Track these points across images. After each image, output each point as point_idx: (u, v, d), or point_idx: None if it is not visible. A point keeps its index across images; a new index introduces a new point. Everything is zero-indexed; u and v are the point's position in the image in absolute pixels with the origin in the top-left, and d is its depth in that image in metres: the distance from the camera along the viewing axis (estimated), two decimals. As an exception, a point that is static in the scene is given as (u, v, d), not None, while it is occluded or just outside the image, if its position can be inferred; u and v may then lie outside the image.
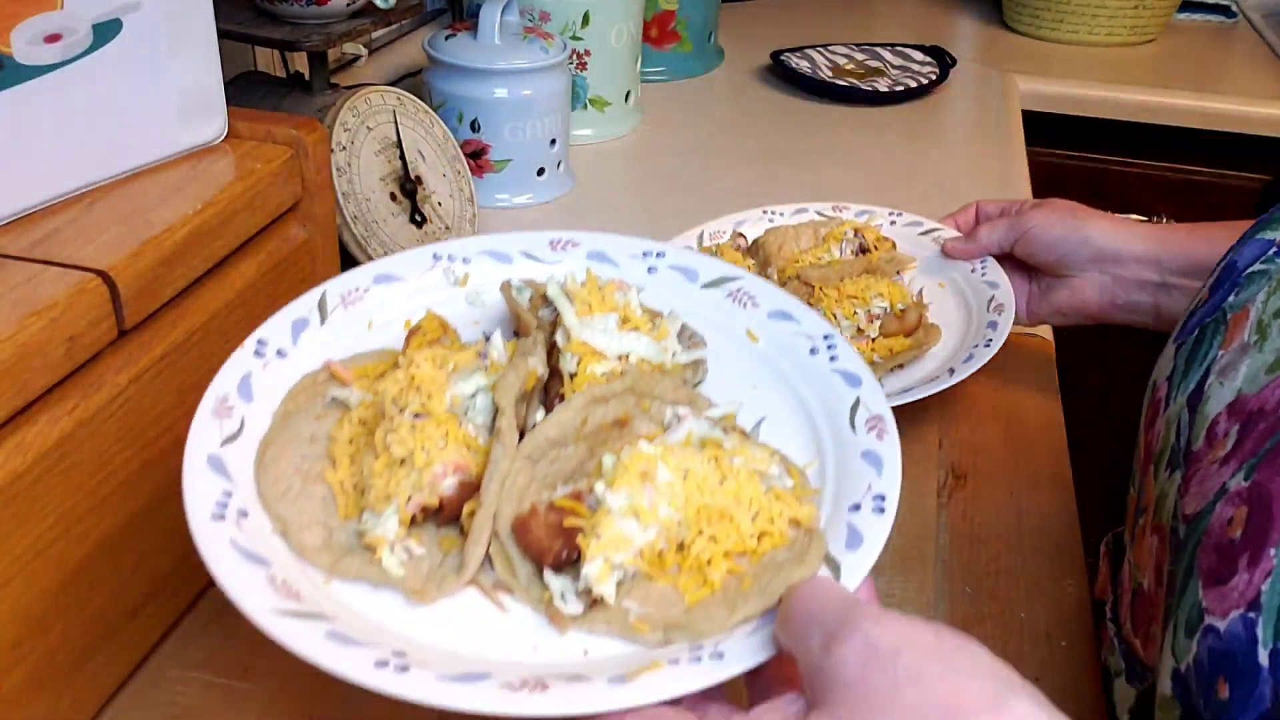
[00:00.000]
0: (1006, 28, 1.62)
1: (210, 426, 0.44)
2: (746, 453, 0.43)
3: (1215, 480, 0.43)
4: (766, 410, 0.48)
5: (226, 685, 0.54)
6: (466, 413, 0.44)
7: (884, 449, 0.44)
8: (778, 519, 0.41)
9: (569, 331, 0.47)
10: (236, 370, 0.46)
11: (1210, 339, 0.49)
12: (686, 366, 0.49)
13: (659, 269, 0.54)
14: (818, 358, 0.49)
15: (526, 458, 0.43)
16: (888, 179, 1.12)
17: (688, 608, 0.40)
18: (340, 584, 0.41)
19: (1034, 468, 0.71)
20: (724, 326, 0.52)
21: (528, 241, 0.54)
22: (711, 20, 1.38)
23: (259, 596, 0.38)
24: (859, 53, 1.44)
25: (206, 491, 0.41)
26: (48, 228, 0.50)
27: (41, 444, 0.44)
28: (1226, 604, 0.38)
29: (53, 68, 0.49)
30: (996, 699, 0.32)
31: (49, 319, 0.44)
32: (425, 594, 0.41)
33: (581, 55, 1.13)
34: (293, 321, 0.49)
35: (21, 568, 0.44)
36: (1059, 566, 0.63)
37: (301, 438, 0.45)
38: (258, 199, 0.56)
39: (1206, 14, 1.68)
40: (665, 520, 0.41)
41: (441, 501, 0.42)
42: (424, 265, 0.53)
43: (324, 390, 0.47)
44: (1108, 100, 1.38)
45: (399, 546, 0.41)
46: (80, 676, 0.49)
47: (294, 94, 0.82)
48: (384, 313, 0.51)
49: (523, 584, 0.41)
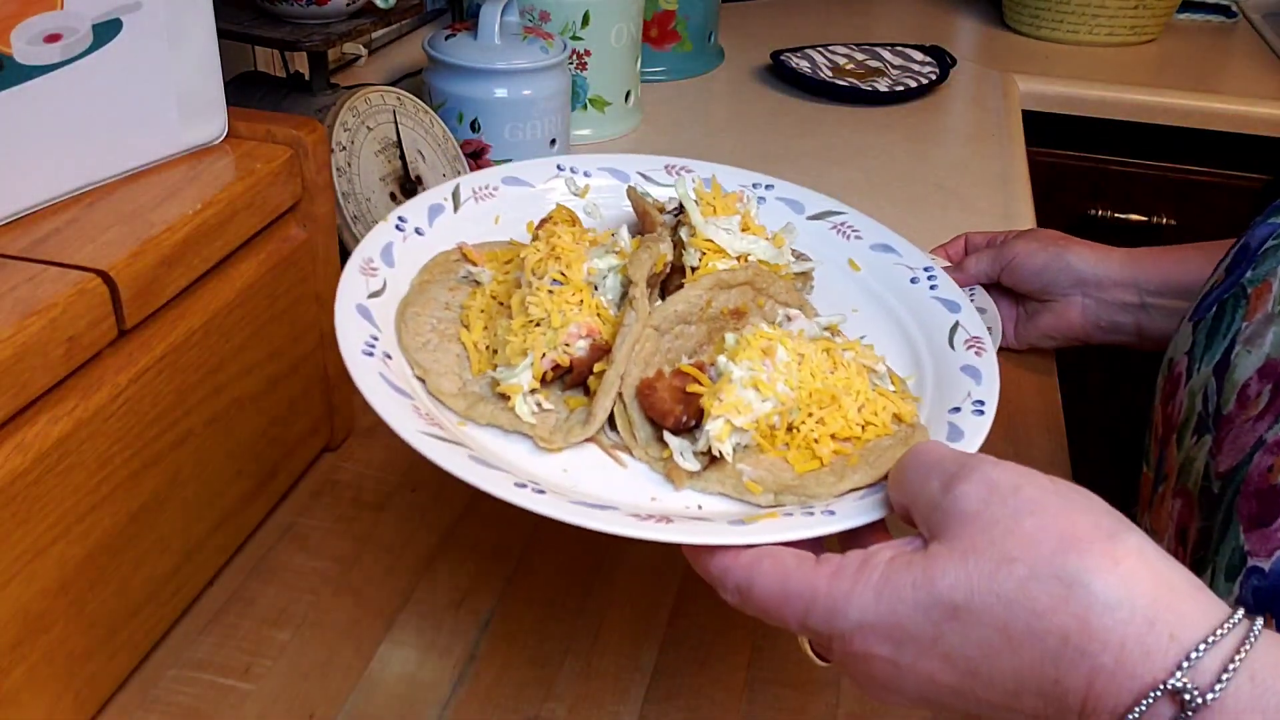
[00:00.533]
0: (1007, 28, 1.62)
1: (358, 281, 0.48)
2: (856, 349, 0.46)
3: (1250, 435, 0.45)
4: (866, 330, 0.51)
5: (226, 685, 0.54)
6: (599, 287, 0.48)
7: (982, 364, 0.47)
8: (882, 411, 0.44)
9: (694, 228, 0.49)
10: (380, 238, 0.51)
11: (1232, 312, 0.51)
12: (798, 276, 0.52)
13: (768, 199, 0.57)
14: (918, 286, 0.53)
15: (654, 328, 0.46)
16: (888, 179, 1.12)
17: (797, 475, 0.43)
18: (473, 428, 0.44)
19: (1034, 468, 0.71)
20: (828, 255, 0.55)
21: (645, 163, 0.57)
22: (711, 20, 1.38)
23: (408, 420, 0.41)
24: (859, 53, 1.44)
25: (356, 333, 0.45)
26: (47, 228, 0.50)
27: (41, 444, 0.44)
28: (1271, 544, 0.41)
29: (53, 67, 0.49)
30: (1112, 532, 0.34)
31: (49, 319, 0.44)
32: (552, 441, 0.44)
33: (581, 55, 1.13)
34: (429, 206, 0.53)
35: (21, 568, 0.44)
36: (1059, 566, 0.63)
37: (438, 303, 0.49)
38: (258, 199, 0.56)
39: (1207, 14, 1.68)
40: (781, 395, 0.43)
41: (572, 362, 0.46)
42: (548, 173, 0.57)
43: (456, 268, 0.51)
44: (1108, 100, 1.38)
45: (531, 398, 0.45)
46: (80, 676, 0.49)
47: (294, 94, 0.82)
48: (510, 210, 0.55)
49: (642, 444, 0.44)
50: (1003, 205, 1.07)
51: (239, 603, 0.58)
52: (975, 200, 1.08)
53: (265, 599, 0.59)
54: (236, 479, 0.58)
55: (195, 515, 0.55)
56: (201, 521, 0.56)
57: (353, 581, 0.60)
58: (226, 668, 0.55)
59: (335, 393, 0.67)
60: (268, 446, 0.61)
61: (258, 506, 0.62)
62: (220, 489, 0.57)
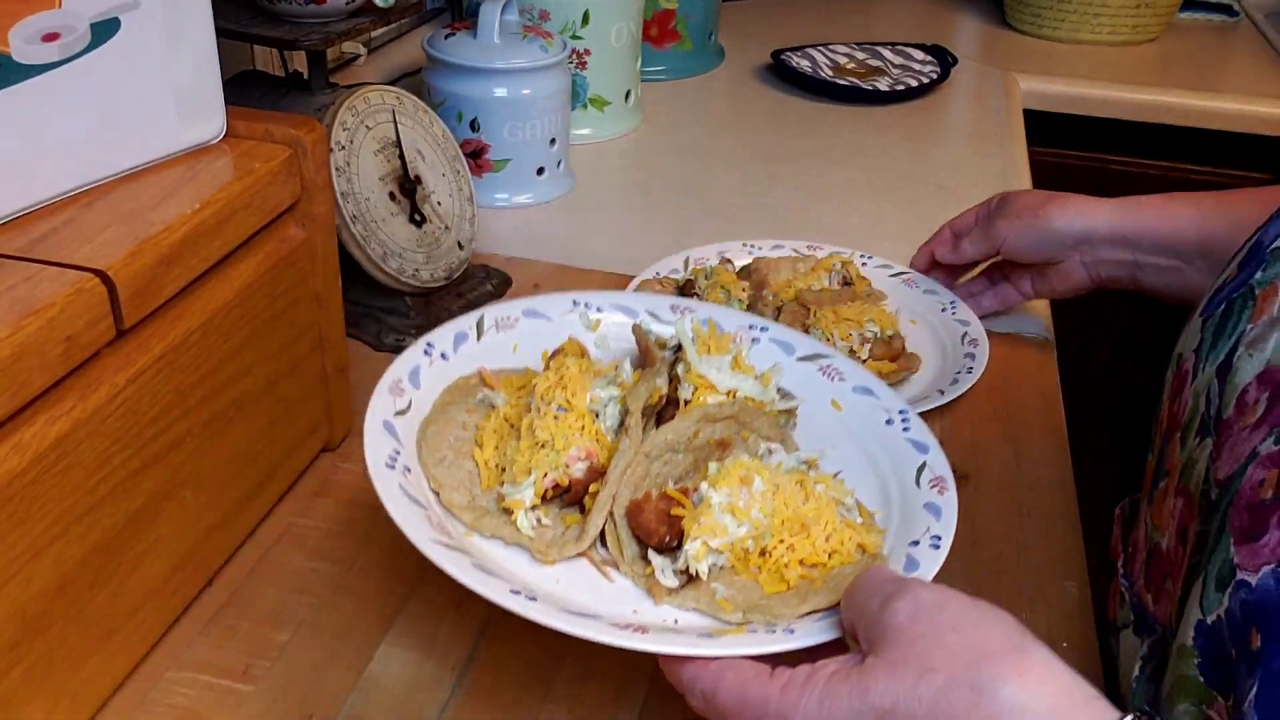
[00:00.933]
0: (1008, 26, 1.62)
1: (386, 400, 0.53)
2: (828, 483, 0.51)
3: (1246, 445, 0.45)
4: (842, 466, 0.55)
5: (226, 685, 0.53)
6: (600, 415, 0.52)
7: (943, 502, 0.51)
8: (848, 541, 0.49)
9: (689, 365, 0.55)
10: (409, 362, 0.56)
11: (1239, 313, 0.51)
12: (781, 413, 0.56)
13: (762, 340, 0.62)
14: (892, 427, 0.57)
15: (645, 455, 0.51)
16: (888, 179, 1.12)
17: (765, 596, 0.47)
18: (478, 539, 0.49)
19: (1034, 468, 0.71)
20: (813, 394, 0.59)
21: (653, 302, 0.63)
22: (711, 19, 1.38)
23: (420, 528, 0.46)
24: (860, 52, 1.43)
25: (381, 447, 0.50)
26: (46, 227, 0.50)
27: (39, 444, 0.44)
28: (1259, 559, 0.41)
29: (51, 66, 0.49)
30: (1020, 645, 0.39)
31: (47, 319, 0.43)
32: (548, 555, 0.48)
33: (581, 54, 1.13)
34: (455, 334, 0.59)
35: (20, 568, 0.44)
36: (1060, 567, 0.63)
37: (455, 422, 0.54)
38: (256, 198, 0.56)
39: (1209, 13, 1.68)
40: (755, 522, 0.48)
41: (570, 482, 0.50)
42: (564, 308, 0.62)
43: (474, 391, 0.56)
44: (1109, 99, 1.38)
45: (531, 513, 0.49)
46: (79, 677, 0.49)
47: (293, 93, 0.82)
48: (528, 341, 0.60)
49: (628, 560, 0.48)
50: (1004, 205, 1.07)
51: (238, 603, 0.58)
52: (976, 200, 1.06)
53: (264, 600, 0.58)
54: (235, 479, 0.58)
55: (194, 516, 0.55)
56: (200, 522, 0.56)
57: (352, 582, 0.60)
58: (225, 669, 0.54)
59: (334, 393, 0.67)
60: (267, 447, 0.61)
61: (256, 507, 0.62)
62: (219, 489, 0.57)
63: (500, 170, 1.00)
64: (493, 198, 1.01)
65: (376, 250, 0.76)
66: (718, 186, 1.09)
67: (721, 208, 1.05)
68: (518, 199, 1.02)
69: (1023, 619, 0.59)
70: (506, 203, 1.02)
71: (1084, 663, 0.57)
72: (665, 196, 1.07)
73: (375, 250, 0.76)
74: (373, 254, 0.76)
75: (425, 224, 0.81)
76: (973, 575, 0.62)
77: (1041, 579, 0.62)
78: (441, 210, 0.83)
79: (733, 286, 0.82)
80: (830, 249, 0.90)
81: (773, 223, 1.02)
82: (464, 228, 0.85)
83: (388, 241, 0.78)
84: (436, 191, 0.83)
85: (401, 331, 0.81)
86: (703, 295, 0.82)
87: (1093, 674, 0.56)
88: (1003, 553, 0.64)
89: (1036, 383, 0.80)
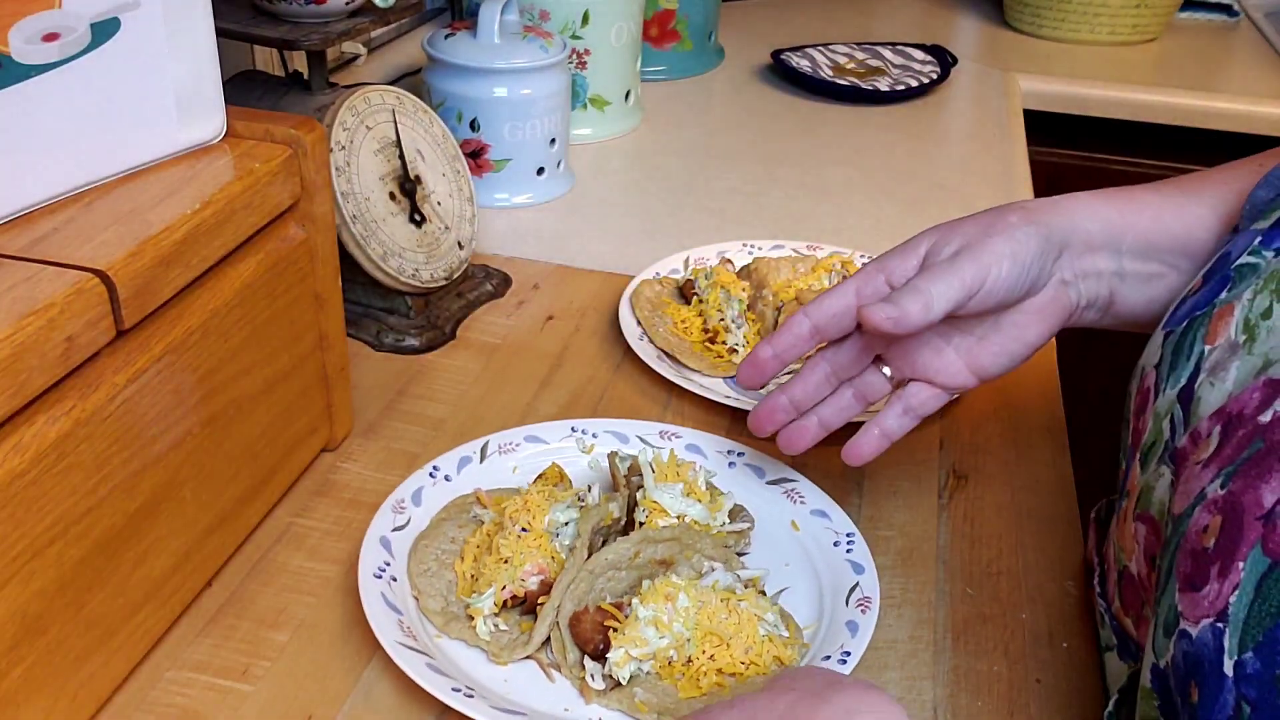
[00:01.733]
0: (1008, 26, 1.62)
1: (387, 517, 0.61)
2: (752, 601, 0.56)
3: (1197, 483, 0.43)
4: (791, 582, 0.60)
5: (225, 687, 0.53)
6: (558, 535, 0.59)
7: (863, 621, 0.56)
8: (765, 654, 0.54)
9: (646, 491, 0.61)
10: (415, 483, 0.63)
11: (1196, 332, 0.49)
12: (730, 534, 0.61)
13: (737, 464, 0.68)
14: (838, 548, 0.61)
15: (589, 571, 0.56)
16: (888, 179, 1.12)
17: (679, 700, 0.53)
18: (446, 640, 0.56)
19: (1034, 468, 0.71)
20: (775, 515, 0.65)
21: (642, 429, 0.70)
22: (711, 19, 1.38)
23: (390, 633, 0.53)
24: (860, 52, 1.43)
25: (374, 559, 0.58)
26: (45, 227, 0.50)
27: (39, 444, 0.44)
28: (1198, 611, 0.40)
29: (51, 66, 0.49)
30: None
31: (47, 319, 0.43)
32: (500, 657, 0.55)
33: (581, 54, 1.13)
34: (460, 457, 0.66)
35: (19, 568, 0.44)
36: (1060, 567, 0.63)
37: (445, 537, 0.61)
38: (256, 198, 0.56)
39: (1208, 13, 1.68)
40: (677, 634, 0.54)
41: (525, 594, 0.57)
42: (563, 433, 0.69)
43: (469, 508, 0.63)
44: (1109, 99, 1.38)
45: (490, 619, 0.56)
46: (78, 677, 0.49)
47: (293, 93, 0.82)
48: (527, 463, 0.67)
49: (570, 664, 0.55)
50: (1003, 205, 1.07)
51: (237, 604, 0.58)
52: (975, 200, 1.07)
53: (264, 600, 0.58)
54: (235, 479, 0.58)
55: (193, 516, 0.55)
56: (200, 522, 0.56)
57: (352, 582, 0.60)
58: (225, 669, 0.54)
59: (334, 393, 0.67)
60: (266, 447, 0.61)
61: (256, 507, 0.62)
62: (219, 489, 0.57)
63: (500, 170, 1.00)
64: (493, 198, 1.01)
65: (376, 250, 0.76)
66: (718, 186, 1.09)
67: (721, 208, 1.05)
68: (518, 199, 1.02)
69: (1022, 619, 0.60)
70: (506, 203, 1.02)
71: (1084, 663, 0.57)
72: (665, 196, 1.07)
73: (375, 250, 0.76)
74: (373, 254, 0.76)
75: (425, 224, 0.81)
76: (972, 575, 0.62)
77: (1041, 579, 0.62)
78: (441, 210, 0.83)
79: (732, 286, 0.82)
80: (830, 249, 0.90)
81: (773, 223, 1.02)
82: (464, 228, 0.85)
83: (388, 241, 0.78)
84: (436, 191, 0.83)
85: (401, 331, 0.81)
86: (703, 295, 0.82)
87: (1093, 674, 0.56)
88: (1002, 553, 0.64)
89: (1036, 382, 0.79)
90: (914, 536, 0.65)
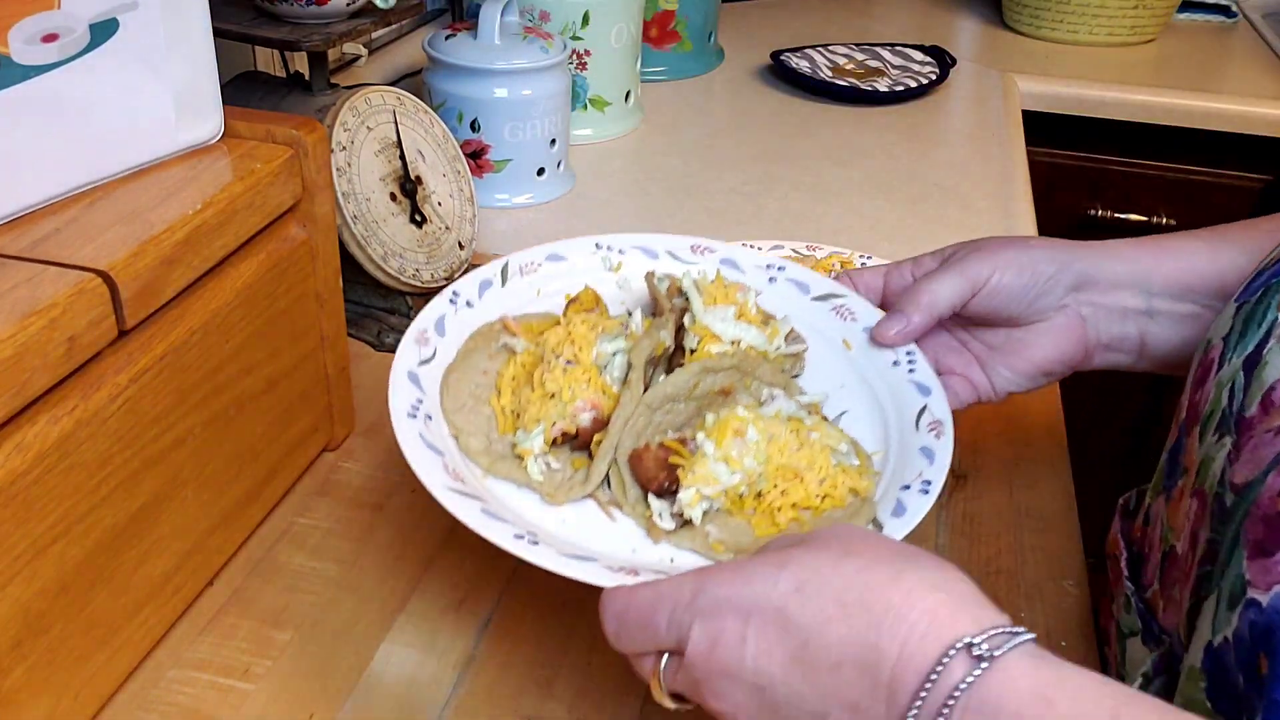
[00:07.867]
0: (1006, 28, 1.62)
1: (412, 350, 0.56)
2: (823, 430, 0.52)
3: (1269, 449, 0.42)
4: (849, 405, 0.57)
5: (226, 685, 0.54)
6: (606, 367, 0.55)
7: (939, 446, 0.52)
8: (839, 486, 0.51)
9: (695, 316, 0.57)
10: (435, 311, 0.59)
11: (1270, 299, 0.48)
12: (786, 358, 0.58)
13: (778, 280, 0.64)
14: (898, 369, 0.58)
15: (647, 405, 0.53)
16: (888, 179, 1.12)
17: (756, 538, 0.49)
18: (493, 481, 0.52)
19: (1033, 467, 0.71)
20: (826, 334, 0.61)
21: (673, 243, 0.65)
22: (711, 20, 1.38)
23: (436, 476, 0.49)
24: (859, 52, 1.44)
25: (405, 396, 0.53)
26: (47, 227, 0.50)
27: (41, 444, 0.44)
28: (1270, 577, 0.39)
29: (50, 67, 0.49)
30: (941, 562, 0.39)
31: (49, 319, 0.44)
32: (556, 497, 0.52)
33: (581, 55, 1.13)
34: (480, 281, 0.61)
35: (21, 568, 0.44)
36: (1059, 566, 0.63)
37: (476, 370, 0.57)
38: (258, 199, 0.56)
39: (1207, 14, 1.68)
40: (748, 470, 0.50)
41: (577, 430, 0.53)
42: (587, 251, 0.64)
43: (497, 337, 0.59)
44: (1108, 100, 1.38)
45: (541, 459, 0.53)
46: (81, 676, 0.49)
47: (294, 94, 0.82)
48: (551, 284, 0.62)
49: (630, 502, 0.51)
50: (1003, 205, 1.07)
51: (239, 603, 0.58)
52: (975, 200, 1.08)
53: (265, 599, 0.59)
54: (236, 479, 0.58)
55: (195, 515, 0.55)
56: (201, 521, 0.56)
57: (352, 582, 0.60)
58: (226, 668, 0.54)
59: (335, 392, 0.67)
60: (268, 446, 0.61)
61: (257, 506, 0.62)
62: (220, 489, 0.57)
63: (500, 170, 1.01)
64: (493, 198, 1.01)
65: (377, 250, 0.77)
66: (718, 186, 1.09)
67: (721, 208, 1.05)
68: (518, 199, 1.02)
69: (1021, 619, 0.60)
70: (507, 203, 1.02)
71: (1082, 662, 0.57)
72: (665, 196, 1.07)
73: (376, 250, 0.76)
74: (374, 254, 0.76)
75: (426, 224, 0.81)
76: (971, 574, 0.62)
77: (1040, 579, 0.62)
78: (442, 210, 0.83)
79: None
80: (830, 249, 0.90)
81: (772, 223, 1.02)
82: (465, 228, 0.85)
83: (388, 242, 0.78)
84: (437, 192, 0.83)
85: (402, 331, 0.81)
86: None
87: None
88: (1001, 552, 0.64)
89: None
90: (913, 536, 0.64)
